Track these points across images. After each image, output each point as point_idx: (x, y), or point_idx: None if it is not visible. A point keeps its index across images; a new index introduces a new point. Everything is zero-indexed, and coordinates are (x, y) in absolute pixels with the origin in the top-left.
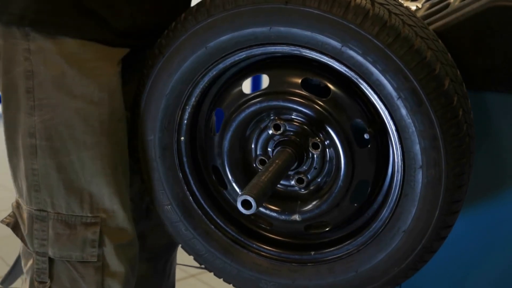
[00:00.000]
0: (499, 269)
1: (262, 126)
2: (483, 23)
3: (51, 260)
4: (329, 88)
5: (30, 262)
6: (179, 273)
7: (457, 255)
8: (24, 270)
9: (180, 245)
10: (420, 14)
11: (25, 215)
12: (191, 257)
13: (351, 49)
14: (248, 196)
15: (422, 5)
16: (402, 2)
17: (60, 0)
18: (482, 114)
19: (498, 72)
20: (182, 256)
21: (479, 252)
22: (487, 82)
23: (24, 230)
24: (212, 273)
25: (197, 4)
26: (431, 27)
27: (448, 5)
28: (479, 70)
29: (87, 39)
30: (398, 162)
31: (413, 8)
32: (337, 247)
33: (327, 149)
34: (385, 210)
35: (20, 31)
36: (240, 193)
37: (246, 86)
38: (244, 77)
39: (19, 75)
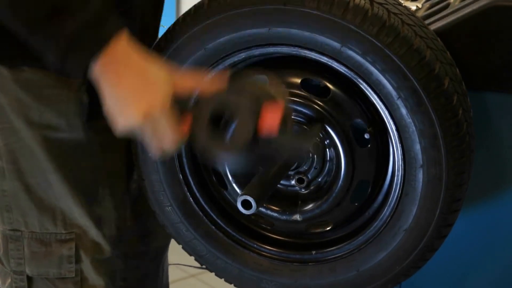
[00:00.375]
0: (499, 269)
1: None
2: (483, 23)
3: (29, 278)
4: (328, 88)
5: (9, 280)
6: (179, 273)
7: (457, 255)
8: None
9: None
10: (420, 14)
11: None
12: (191, 257)
13: (350, 49)
14: (248, 196)
15: (422, 5)
16: (402, 2)
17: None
18: (482, 114)
19: (498, 72)
20: (182, 256)
21: (479, 251)
22: (487, 82)
23: (0, 250)
24: (212, 273)
25: (195, 6)
26: (431, 27)
27: (448, 5)
28: (479, 70)
29: (41, 68)
30: (398, 161)
31: (413, 8)
32: (338, 246)
33: (327, 149)
34: (385, 209)
35: None
36: (240, 193)
37: None
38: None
39: None
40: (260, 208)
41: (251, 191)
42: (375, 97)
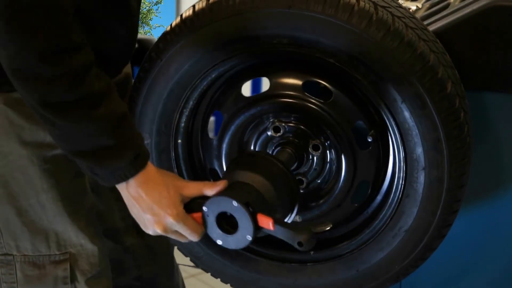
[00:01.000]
0: (498, 269)
1: (262, 128)
2: (483, 23)
3: None
4: (330, 90)
5: None
6: None
7: (456, 255)
8: None
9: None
10: (420, 14)
11: None
12: None
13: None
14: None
15: (422, 5)
16: (402, 2)
17: None
18: (482, 114)
19: (498, 72)
20: (182, 256)
21: (479, 251)
22: (487, 82)
23: None
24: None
25: (194, 8)
26: (431, 28)
27: (448, 5)
28: (479, 70)
29: None
30: (400, 163)
31: (413, 8)
32: (337, 246)
33: (327, 151)
34: (386, 210)
35: None
36: None
37: (247, 89)
38: (245, 79)
39: None
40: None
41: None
42: (379, 101)
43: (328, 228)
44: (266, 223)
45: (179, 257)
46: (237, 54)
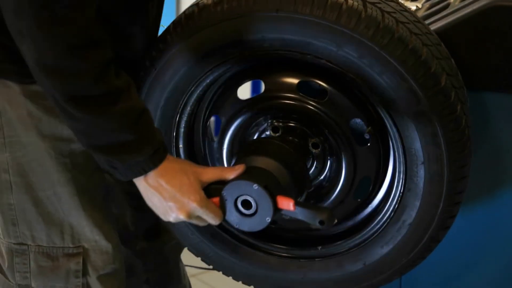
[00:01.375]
0: (498, 268)
1: (261, 129)
2: (483, 23)
3: None
4: (326, 89)
5: None
6: None
7: (457, 254)
8: None
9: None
10: (420, 14)
11: (3, 249)
12: (192, 257)
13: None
14: (249, 197)
15: (422, 5)
16: (402, 1)
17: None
18: (482, 114)
19: (498, 72)
20: (182, 256)
21: (479, 251)
22: (487, 82)
23: (4, 263)
24: (212, 273)
25: (186, 15)
26: (432, 28)
27: (448, 5)
28: (479, 70)
29: None
30: (399, 158)
31: (413, 8)
32: (344, 241)
33: (327, 149)
34: (389, 204)
35: None
36: None
37: (246, 91)
38: (240, 83)
39: None
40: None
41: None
42: (374, 98)
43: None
44: (287, 204)
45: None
46: (230, 59)
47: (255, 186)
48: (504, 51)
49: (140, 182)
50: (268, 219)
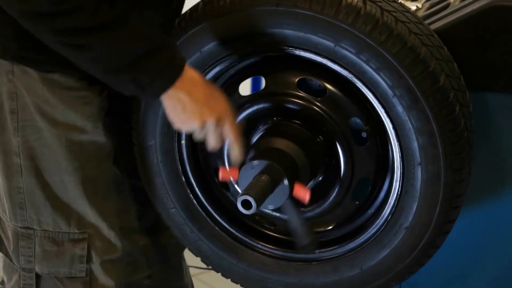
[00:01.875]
0: (498, 269)
1: (260, 126)
2: (483, 23)
3: (38, 276)
4: (325, 87)
5: (16, 277)
6: None
7: (457, 255)
8: (9, 285)
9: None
10: (420, 14)
11: (9, 232)
12: (191, 257)
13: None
14: (248, 196)
15: (422, 5)
16: (402, 1)
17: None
18: (482, 114)
19: (498, 72)
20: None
21: (479, 251)
22: (487, 82)
23: (9, 246)
24: (212, 273)
25: (190, 9)
26: (432, 28)
27: (448, 5)
28: (479, 70)
29: (68, 72)
30: (397, 159)
31: (413, 8)
32: (341, 245)
33: (325, 147)
34: (386, 207)
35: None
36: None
37: (246, 87)
38: (241, 79)
39: (4, 95)
40: (262, 208)
41: (251, 191)
42: (371, 95)
43: (331, 227)
44: (304, 193)
45: None
46: (230, 55)
47: (286, 181)
48: (504, 51)
49: (171, 95)
50: (271, 207)
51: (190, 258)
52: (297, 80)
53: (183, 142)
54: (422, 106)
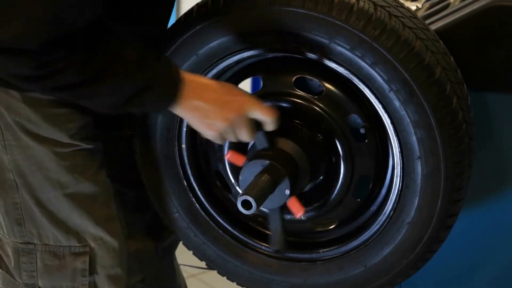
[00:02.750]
0: (499, 269)
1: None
2: (483, 23)
3: None
4: (322, 85)
5: None
6: None
7: (457, 255)
8: None
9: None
10: (420, 14)
11: (8, 249)
12: (191, 257)
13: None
14: (248, 197)
15: (422, 5)
16: (402, 1)
17: None
18: (482, 114)
19: (498, 72)
20: (182, 256)
21: (480, 251)
22: (487, 82)
23: (10, 263)
24: (212, 273)
25: (185, 14)
26: (432, 28)
27: (448, 5)
28: (479, 70)
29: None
30: (396, 154)
31: (413, 8)
32: (345, 243)
33: (325, 144)
34: (388, 203)
35: None
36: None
37: (246, 87)
38: (239, 81)
39: None
40: (264, 209)
41: (250, 191)
42: (368, 91)
43: (333, 226)
44: (298, 208)
45: (180, 257)
46: (229, 56)
47: (287, 192)
48: (504, 51)
49: (187, 106)
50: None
51: (190, 258)
52: (293, 79)
53: (183, 146)
54: (418, 100)
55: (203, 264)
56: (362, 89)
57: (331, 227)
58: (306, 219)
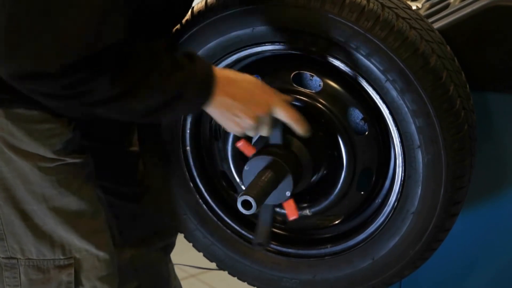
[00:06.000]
0: (499, 268)
1: None
2: (483, 23)
3: None
4: (320, 80)
5: None
6: (179, 273)
7: (457, 254)
8: None
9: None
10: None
11: None
12: (191, 257)
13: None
14: (248, 196)
15: (422, 5)
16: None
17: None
18: (482, 114)
19: (498, 72)
20: (182, 256)
21: (480, 250)
22: (487, 82)
23: None
24: (212, 273)
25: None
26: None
27: (448, 5)
28: (479, 70)
29: (32, 107)
30: (397, 144)
31: (413, 8)
32: (352, 237)
33: (325, 141)
34: (392, 195)
35: None
36: (239, 193)
37: None
38: None
39: None
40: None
41: (251, 191)
42: (365, 83)
43: (340, 220)
44: (292, 211)
45: (179, 257)
46: (228, 56)
47: (288, 193)
48: (504, 51)
49: (218, 102)
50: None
51: (190, 258)
52: (292, 75)
53: (187, 148)
54: (415, 88)
55: (203, 264)
56: (359, 81)
57: (337, 222)
58: (312, 214)
